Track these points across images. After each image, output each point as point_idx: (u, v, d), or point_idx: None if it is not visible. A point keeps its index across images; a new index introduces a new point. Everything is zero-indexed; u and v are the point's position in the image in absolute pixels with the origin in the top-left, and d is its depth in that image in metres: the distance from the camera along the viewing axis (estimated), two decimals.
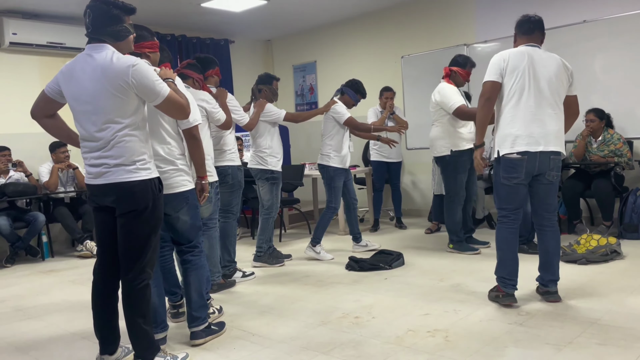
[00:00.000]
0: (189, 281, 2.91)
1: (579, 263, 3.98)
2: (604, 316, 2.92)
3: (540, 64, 3.12)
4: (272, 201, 4.60)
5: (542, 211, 3.23)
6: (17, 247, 5.42)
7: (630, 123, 5.22)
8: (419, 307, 3.28)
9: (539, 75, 3.10)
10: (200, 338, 2.89)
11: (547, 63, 3.13)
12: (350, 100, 4.86)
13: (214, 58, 4.07)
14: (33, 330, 3.31)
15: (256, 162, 4.56)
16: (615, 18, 5.25)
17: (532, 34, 3.21)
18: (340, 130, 4.77)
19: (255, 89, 4.61)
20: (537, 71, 3.10)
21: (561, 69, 3.14)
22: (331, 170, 4.75)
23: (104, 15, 2.34)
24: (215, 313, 3.33)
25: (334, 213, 4.81)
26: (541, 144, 3.07)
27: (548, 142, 3.09)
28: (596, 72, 5.49)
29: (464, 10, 6.36)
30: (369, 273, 4.19)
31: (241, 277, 4.23)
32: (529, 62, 3.10)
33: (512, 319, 2.96)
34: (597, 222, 5.33)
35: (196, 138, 2.83)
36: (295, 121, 4.84)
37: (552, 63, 3.13)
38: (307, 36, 8.07)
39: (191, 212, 2.84)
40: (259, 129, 4.52)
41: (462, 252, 4.63)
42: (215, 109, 3.64)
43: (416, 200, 7.07)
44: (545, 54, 3.16)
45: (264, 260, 4.66)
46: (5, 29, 5.86)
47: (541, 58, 3.13)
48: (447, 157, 4.55)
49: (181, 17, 6.74)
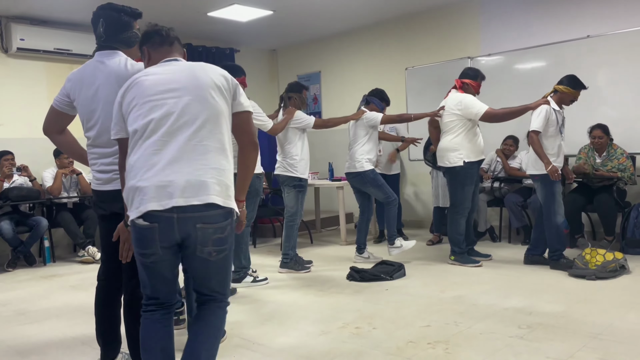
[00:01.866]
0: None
1: (587, 278, 3.97)
2: (605, 331, 2.91)
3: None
4: (297, 208, 4.67)
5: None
6: (19, 251, 5.43)
7: (633, 138, 5.22)
8: (420, 318, 3.28)
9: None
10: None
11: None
12: (377, 109, 4.91)
13: (240, 67, 4.22)
14: (34, 335, 3.32)
15: (284, 169, 4.62)
16: (619, 34, 5.28)
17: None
18: (372, 136, 4.84)
19: (285, 97, 4.71)
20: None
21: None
22: (370, 173, 4.81)
23: (115, 23, 2.37)
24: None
25: (395, 205, 4.84)
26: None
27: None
28: (599, 87, 5.50)
29: (468, 23, 6.40)
30: (370, 283, 4.19)
31: (251, 281, 4.27)
32: None
33: (512, 332, 2.95)
34: (599, 237, 5.32)
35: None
36: (325, 127, 4.91)
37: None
38: (312, 46, 8.12)
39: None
40: (289, 136, 4.59)
41: (463, 264, 4.63)
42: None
43: (418, 211, 7.07)
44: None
45: (290, 266, 4.72)
46: (13, 34, 5.92)
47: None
48: (458, 167, 4.54)
49: (188, 26, 6.80)
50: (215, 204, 1.90)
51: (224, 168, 1.96)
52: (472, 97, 4.53)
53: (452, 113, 4.56)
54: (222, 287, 2.07)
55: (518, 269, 4.45)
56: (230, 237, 1.99)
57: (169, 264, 1.97)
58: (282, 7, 6.26)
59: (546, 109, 4.27)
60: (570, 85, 4.34)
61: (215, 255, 1.94)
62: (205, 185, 1.89)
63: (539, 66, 5.77)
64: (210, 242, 1.91)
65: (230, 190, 1.98)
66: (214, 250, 1.93)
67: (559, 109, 4.38)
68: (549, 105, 4.31)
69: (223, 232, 1.93)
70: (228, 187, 1.96)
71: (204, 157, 1.92)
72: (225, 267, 2.04)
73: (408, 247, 4.77)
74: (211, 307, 2.06)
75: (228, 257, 2.02)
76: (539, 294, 3.69)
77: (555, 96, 4.40)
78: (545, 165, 4.20)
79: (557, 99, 4.39)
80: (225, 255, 1.99)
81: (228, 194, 1.96)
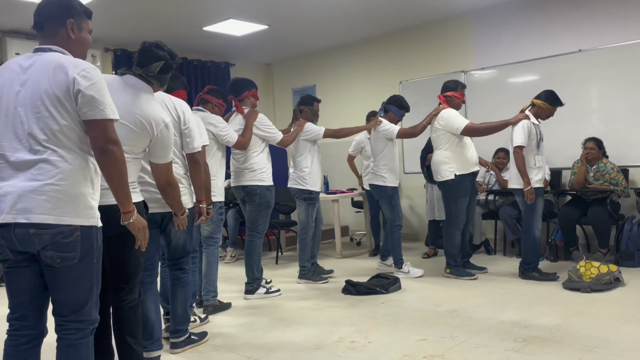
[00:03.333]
0: (176, 295, 3.07)
1: (582, 291, 3.97)
2: (601, 344, 2.91)
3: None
4: (307, 221, 4.69)
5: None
6: None
7: (624, 151, 5.27)
8: (416, 332, 3.27)
9: None
10: (179, 348, 3.07)
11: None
12: (395, 117, 4.89)
13: (250, 81, 4.30)
14: None
15: (295, 182, 4.65)
16: (611, 48, 5.34)
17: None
18: (391, 148, 4.82)
19: (296, 110, 4.74)
20: None
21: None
22: (389, 190, 4.81)
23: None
24: (196, 322, 3.51)
25: (400, 230, 4.86)
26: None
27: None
28: (591, 100, 5.56)
29: (461, 37, 6.46)
30: (366, 297, 4.18)
31: (264, 293, 4.30)
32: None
33: (508, 346, 2.94)
34: (593, 249, 5.34)
35: (198, 162, 3.01)
36: (336, 137, 4.83)
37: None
38: (307, 60, 8.17)
39: (187, 230, 2.92)
40: (299, 148, 4.62)
41: (459, 277, 4.63)
42: (223, 131, 3.84)
43: (413, 224, 7.07)
44: None
45: (308, 277, 4.74)
46: (9, 48, 5.93)
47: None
48: (450, 181, 4.57)
49: (183, 40, 6.83)
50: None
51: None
52: (453, 112, 4.57)
53: (437, 128, 4.61)
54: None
55: (513, 281, 4.45)
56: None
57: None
58: (277, 22, 6.30)
59: (527, 124, 4.36)
60: (548, 101, 4.44)
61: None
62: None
63: (532, 80, 5.83)
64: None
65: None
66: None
67: (537, 122, 4.46)
68: (529, 119, 4.38)
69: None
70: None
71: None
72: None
73: (414, 275, 4.76)
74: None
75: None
76: (535, 306, 3.68)
77: (532, 110, 4.49)
78: (525, 185, 4.31)
79: (534, 113, 4.49)
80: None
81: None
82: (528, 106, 4.51)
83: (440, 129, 4.60)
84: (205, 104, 3.94)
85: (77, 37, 2.01)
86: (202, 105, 3.97)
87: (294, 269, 5.37)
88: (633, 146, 5.26)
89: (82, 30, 2.03)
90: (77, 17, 2.00)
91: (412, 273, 4.78)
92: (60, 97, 1.84)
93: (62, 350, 1.91)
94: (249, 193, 4.15)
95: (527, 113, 4.46)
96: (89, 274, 1.91)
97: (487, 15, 6.20)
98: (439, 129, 4.60)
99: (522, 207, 4.47)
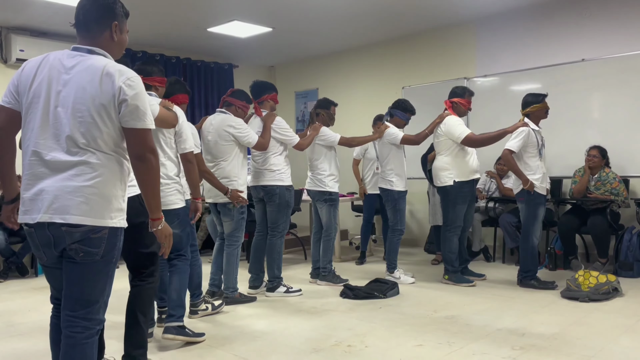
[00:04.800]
0: (171, 281, 3.25)
1: (580, 300, 3.97)
2: (598, 353, 2.90)
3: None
4: (331, 222, 4.74)
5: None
6: (12, 262, 5.39)
7: (625, 161, 5.27)
8: (413, 337, 3.26)
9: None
10: (171, 334, 3.15)
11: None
12: (401, 121, 4.90)
13: (271, 84, 4.47)
14: (22, 347, 3.28)
15: (314, 185, 4.71)
16: (614, 58, 5.35)
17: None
18: (397, 152, 4.83)
19: (313, 113, 4.80)
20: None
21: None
22: (395, 194, 4.82)
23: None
24: (208, 309, 3.79)
25: (401, 235, 4.87)
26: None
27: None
28: (593, 110, 5.57)
29: (465, 44, 6.47)
30: (364, 301, 4.17)
31: (284, 292, 4.38)
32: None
33: (505, 354, 2.94)
34: (592, 259, 5.33)
35: (191, 162, 3.23)
36: (350, 145, 4.95)
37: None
38: (310, 64, 8.19)
39: (181, 227, 3.18)
40: (315, 151, 4.68)
41: (457, 284, 4.62)
42: (243, 133, 3.98)
43: (413, 230, 7.07)
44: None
45: (329, 279, 4.77)
46: (13, 45, 5.95)
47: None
48: (448, 187, 4.57)
49: (187, 41, 6.85)
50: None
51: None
52: (456, 120, 4.57)
53: (440, 134, 4.62)
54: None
55: (512, 289, 4.44)
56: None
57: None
58: (281, 25, 6.32)
59: (526, 131, 4.36)
60: (535, 100, 4.49)
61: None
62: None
63: (534, 88, 5.81)
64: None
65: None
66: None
67: (538, 129, 4.46)
68: (528, 126, 4.38)
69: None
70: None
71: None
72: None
73: (405, 282, 4.75)
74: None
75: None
76: (532, 315, 3.68)
77: (531, 117, 4.50)
78: (524, 183, 4.33)
79: (533, 119, 4.50)
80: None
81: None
82: (523, 118, 4.52)
83: (442, 135, 4.61)
84: (229, 107, 4.08)
85: (119, 39, 2.03)
86: (225, 108, 4.11)
87: (294, 271, 5.38)
88: (634, 157, 5.26)
89: (123, 32, 2.06)
90: (120, 19, 2.03)
91: (403, 280, 4.76)
92: (106, 105, 1.86)
93: (67, 350, 1.93)
94: (269, 193, 4.25)
95: (526, 121, 4.46)
96: (105, 273, 1.95)
97: (490, 23, 6.22)
98: (441, 134, 4.61)
99: (523, 215, 4.47)
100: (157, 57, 6.89)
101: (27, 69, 1.93)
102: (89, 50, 1.93)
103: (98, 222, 1.86)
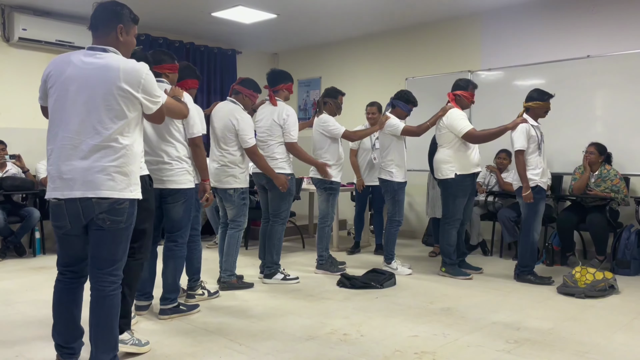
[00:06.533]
0: (167, 265, 3.39)
1: (577, 297, 3.98)
2: (592, 350, 2.92)
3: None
4: (328, 210, 4.78)
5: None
6: (10, 241, 5.40)
7: (627, 159, 5.26)
8: (408, 328, 3.28)
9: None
10: (167, 315, 3.37)
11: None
12: (403, 112, 4.87)
13: (288, 74, 4.51)
14: (19, 326, 3.29)
15: (316, 172, 4.73)
16: (619, 55, 5.32)
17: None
18: (398, 143, 4.81)
19: (320, 101, 4.81)
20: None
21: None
22: (395, 185, 4.81)
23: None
24: (204, 295, 3.86)
25: (399, 226, 4.87)
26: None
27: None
28: (597, 107, 5.55)
29: (470, 37, 6.44)
30: (360, 291, 4.19)
31: (281, 279, 4.42)
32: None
33: (500, 347, 2.95)
34: (589, 256, 5.34)
35: (198, 146, 3.35)
36: (351, 139, 5.05)
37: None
38: (314, 52, 8.15)
39: (185, 206, 3.33)
40: (319, 141, 4.72)
41: (454, 277, 4.63)
42: (242, 132, 4.04)
43: (412, 222, 7.08)
44: None
45: (326, 268, 4.79)
46: (16, 24, 5.90)
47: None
48: (450, 180, 4.57)
49: (191, 25, 6.81)
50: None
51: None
52: (459, 114, 4.55)
53: (442, 127, 4.61)
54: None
55: (508, 283, 4.46)
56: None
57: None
58: (286, 11, 6.28)
59: (526, 127, 4.35)
60: (539, 98, 4.45)
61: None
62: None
63: (538, 83, 5.78)
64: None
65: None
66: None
67: (537, 124, 4.45)
68: (527, 122, 4.37)
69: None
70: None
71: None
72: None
73: (402, 273, 4.75)
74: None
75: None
76: (528, 309, 3.70)
77: (530, 113, 4.48)
78: (524, 190, 4.33)
79: (532, 115, 4.48)
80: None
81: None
82: (522, 112, 4.51)
83: (444, 128, 4.59)
84: (237, 95, 4.12)
85: (125, 40, 2.39)
86: (234, 96, 4.14)
87: (292, 259, 5.40)
88: (635, 155, 5.25)
89: (129, 34, 2.41)
90: (126, 23, 2.39)
91: (400, 271, 4.77)
92: (132, 92, 2.26)
93: (98, 300, 2.33)
94: (271, 181, 4.27)
95: (524, 117, 4.46)
96: (127, 236, 2.38)
97: (496, 16, 6.18)
98: (444, 127, 4.60)
99: (524, 210, 4.47)
100: (160, 40, 6.85)
101: (53, 66, 2.33)
102: (103, 49, 2.31)
103: (122, 194, 2.28)
